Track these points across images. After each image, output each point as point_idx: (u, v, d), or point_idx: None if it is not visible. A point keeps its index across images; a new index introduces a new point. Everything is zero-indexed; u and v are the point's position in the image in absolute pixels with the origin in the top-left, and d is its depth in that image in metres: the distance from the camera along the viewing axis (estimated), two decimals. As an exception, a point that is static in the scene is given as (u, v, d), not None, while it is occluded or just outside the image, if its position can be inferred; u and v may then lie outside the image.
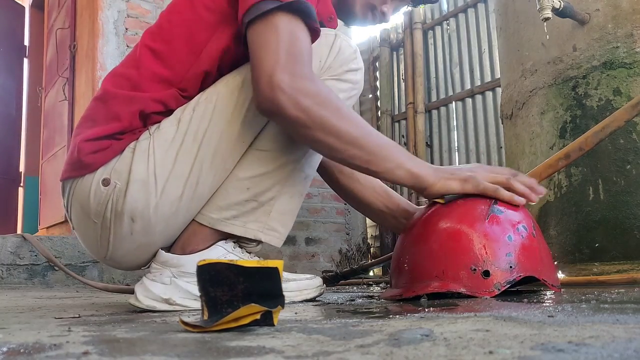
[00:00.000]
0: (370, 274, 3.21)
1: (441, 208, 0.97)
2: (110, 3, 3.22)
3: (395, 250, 1.06)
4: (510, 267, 0.89)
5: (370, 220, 3.10)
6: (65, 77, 3.61)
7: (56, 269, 2.55)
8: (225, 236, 0.99)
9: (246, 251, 1.02)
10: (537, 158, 1.65)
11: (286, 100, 0.83)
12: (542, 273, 0.92)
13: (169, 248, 0.99)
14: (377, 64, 4.20)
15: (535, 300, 0.81)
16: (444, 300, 0.88)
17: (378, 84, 4.19)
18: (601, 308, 0.64)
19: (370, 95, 4.26)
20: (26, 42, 5.19)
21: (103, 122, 0.94)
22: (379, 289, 1.67)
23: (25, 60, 5.18)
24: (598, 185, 1.48)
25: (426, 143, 3.69)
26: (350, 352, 0.40)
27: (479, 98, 3.39)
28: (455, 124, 3.57)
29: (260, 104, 0.86)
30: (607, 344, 0.38)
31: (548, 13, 1.43)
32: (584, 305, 0.68)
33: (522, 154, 1.76)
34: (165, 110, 0.95)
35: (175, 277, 0.94)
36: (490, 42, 3.35)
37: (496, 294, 0.87)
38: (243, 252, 1.01)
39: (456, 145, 3.54)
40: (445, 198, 0.97)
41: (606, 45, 1.52)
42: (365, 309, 0.83)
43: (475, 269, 0.88)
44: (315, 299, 1.11)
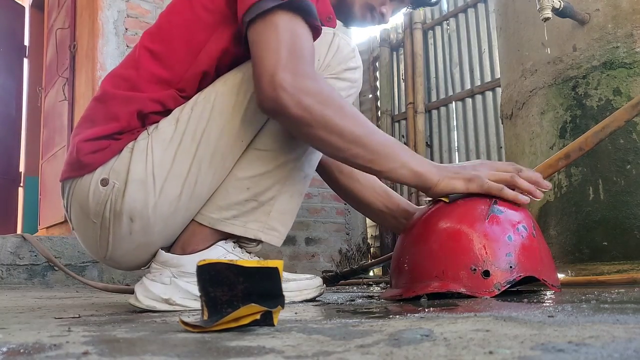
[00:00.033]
0: (370, 274, 3.21)
1: (441, 208, 0.97)
2: (110, 3, 3.22)
3: (395, 250, 1.06)
4: (510, 267, 0.89)
5: (370, 220, 3.10)
6: (65, 77, 3.61)
7: (56, 269, 2.55)
8: (225, 236, 0.99)
9: (246, 251, 1.02)
10: (537, 158, 1.65)
11: (289, 99, 0.83)
12: (542, 273, 0.92)
13: (169, 248, 0.99)
14: (377, 64, 4.20)
15: (535, 300, 0.81)
16: (444, 300, 0.88)
17: (378, 84, 4.19)
18: (601, 308, 0.64)
19: (370, 95, 4.26)
20: (26, 42, 5.20)
21: (102, 122, 0.94)
22: (379, 289, 1.67)
23: (25, 60, 5.19)
24: (598, 185, 1.48)
25: (426, 143, 3.69)
26: (350, 352, 0.40)
27: (479, 98, 3.40)
28: (455, 124, 3.57)
29: (263, 103, 0.86)
30: (607, 344, 0.38)
31: (548, 13, 1.43)
32: (584, 305, 0.68)
33: (522, 154, 1.76)
34: (164, 110, 0.95)
35: (175, 277, 0.94)
36: (490, 42, 3.35)
37: (496, 294, 0.87)
38: (243, 252, 1.01)
39: (456, 145, 3.54)
40: (449, 197, 0.97)
41: (606, 45, 1.52)
42: (365, 309, 0.83)
43: (475, 269, 0.88)
44: (315, 299, 1.11)
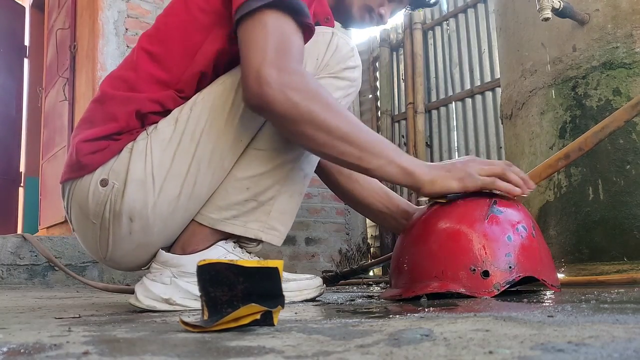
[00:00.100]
0: (370, 274, 3.21)
1: (441, 208, 0.97)
2: (111, 3, 3.22)
3: (395, 251, 1.06)
4: (510, 268, 0.89)
5: (370, 221, 3.10)
6: (66, 78, 3.61)
7: (56, 269, 2.55)
8: (225, 236, 0.99)
9: (246, 251, 1.02)
10: (537, 158, 1.65)
11: (274, 95, 0.83)
12: (542, 273, 0.92)
13: (169, 248, 0.99)
14: (377, 64, 4.20)
15: (535, 300, 0.81)
16: (444, 300, 0.88)
17: (378, 84, 4.19)
18: (601, 308, 0.64)
19: (370, 96, 4.26)
20: (26, 43, 5.20)
21: (100, 123, 0.95)
22: (379, 289, 1.67)
23: (26, 61, 5.19)
24: (598, 185, 1.48)
25: (426, 143, 3.69)
26: (350, 352, 0.40)
27: (478, 98, 3.40)
28: (455, 124, 3.57)
29: (248, 99, 0.86)
30: (607, 344, 0.38)
31: (548, 13, 1.43)
32: (583, 305, 0.68)
33: (522, 154, 1.76)
34: (163, 111, 0.95)
35: (175, 277, 0.94)
36: (490, 42, 3.35)
37: (495, 294, 0.87)
38: (243, 252, 1.01)
39: (456, 145, 3.54)
40: (447, 197, 0.97)
41: (606, 46, 1.52)
42: (365, 309, 0.83)
43: (474, 269, 0.88)
44: (315, 299, 1.11)
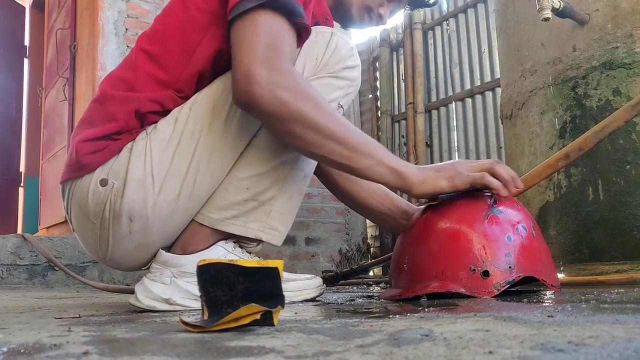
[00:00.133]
0: (370, 274, 3.21)
1: (441, 208, 0.97)
2: (111, 3, 3.22)
3: (395, 251, 1.07)
4: (510, 268, 0.89)
5: (370, 221, 3.09)
6: (66, 78, 3.61)
7: (56, 269, 2.55)
8: (225, 236, 0.99)
9: (246, 251, 1.02)
10: (537, 158, 1.65)
11: (263, 94, 0.83)
12: (542, 273, 0.92)
13: (169, 248, 0.99)
14: (377, 64, 4.20)
15: (535, 300, 0.81)
16: (444, 300, 0.88)
17: (378, 84, 4.19)
18: (601, 308, 0.64)
19: (370, 96, 4.26)
20: (26, 43, 5.20)
21: (100, 123, 0.95)
22: (379, 289, 1.68)
23: (26, 61, 5.18)
24: (597, 185, 1.48)
25: (426, 143, 3.69)
26: (350, 352, 0.40)
27: (478, 98, 3.40)
28: (455, 124, 3.57)
29: (237, 97, 0.86)
30: (607, 344, 0.38)
31: (548, 13, 1.43)
32: (583, 305, 0.68)
33: (522, 154, 1.76)
34: (162, 111, 0.95)
35: (175, 277, 0.94)
36: (490, 42, 3.35)
37: (495, 294, 0.87)
38: (243, 252, 1.01)
39: (456, 145, 3.54)
40: (439, 198, 0.96)
41: (606, 46, 1.52)
42: (365, 309, 0.83)
43: (474, 269, 0.88)
44: (315, 299, 1.11)
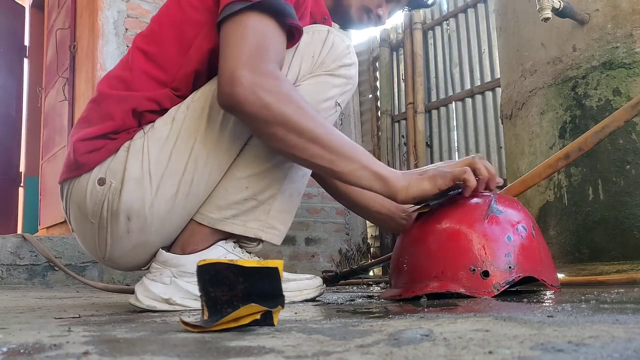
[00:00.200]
0: (370, 274, 3.21)
1: (441, 208, 0.96)
2: (110, 3, 3.22)
3: (395, 251, 1.07)
4: (510, 268, 0.89)
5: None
6: (65, 78, 3.61)
7: (56, 269, 2.55)
8: (225, 236, 0.99)
9: (246, 251, 1.02)
10: (537, 158, 1.65)
11: (246, 96, 0.83)
12: (542, 273, 0.92)
13: (169, 248, 0.99)
14: (377, 64, 4.20)
15: (535, 300, 0.81)
16: (444, 300, 0.88)
17: (378, 84, 4.18)
18: (601, 308, 0.64)
19: (370, 95, 4.26)
20: (26, 43, 5.19)
21: (97, 122, 0.95)
22: (379, 289, 1.68)
23: (26, 61, 5.18)
24: (597, 185, 1.48)
25: (426, 143, 3.69)
26: (350, 352, 0.40)
27: (478, 98, 3.39)
28: (455, 124, 3.57)
29: (221, 99, 0.86)
30: (607, 344, 0.38)
31: (548, 13, 1.43)
32: (583, 305, 0.68)
33: (522, 154, 1.76)
34: (160, 110, 0.95)
35: (175, 277, 0.94)
36: (490, 42, 3.35)
37: (495, 294, 0.87)
38: (243, 252, 1.01)
39: (456, 145, 3.54)
40: (430, 205, 0.95)
41: (606, 46, 1.52)
42: (365, 309, 0.83)
43: (474, 269, 0.88)
44: (315, 299, 1.11)
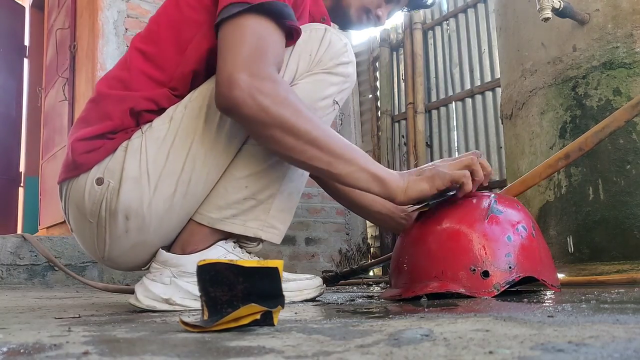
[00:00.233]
0: (370, 274, 3.21)
1: (441, 208, 0.96)
2: (110, 3, 3.22)
3: (395, 251, 1.06)
4: (510, 268, 0.89)
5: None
6: (65, 77, 3.61)
7: (56, 269, 2.54)
8: (225, 236, 0.99)
9: (246, 251, 1.02)
10: (537, 158, 1.65)
11: (244, 99, 0.83)
12: (542, 273, 0.92)
13: (169, 248, 0.99)
14: (377, 64, 4.19)
15: (535, 300, 0.81)
16: (444, 300, 0.88)
17: (378, 84, 4.18)
18: (601, 308, 0.64)
19: (370, 95, 4.25)
20: (26, 42, 5.19)
21: (95, 122, 0.95)
22: (379, 289, 1.67)
23: (26, 61, 5.18)
24: (598, 185, 1.48)
25: (426, 143, 3.69)
26: (350, 352, 0.40)
27: (479, 98, 3.39)
28: (455, 124, 3.57)
29: (219, 101, 0.86)
30: (607, 344, 0.38)
31: (548, 13, 1.43)
32: (584, 305, 0.68)
33: (522, 154, 1.76)
34: (157, 109, 0.95)
35: (175, 277, 0.94)
36: (490, 42, 3.35)
37: (495, 294, 0.87)
38: (243, 252, 1.01)
39: (456, 145, 3.54)
40: (429, 204, 0.95)
41: (606, 46, 1.52)
42: (365, 309, 0.83)
43: (474, 270, 0.88)
44: (315, 299, 1.11)
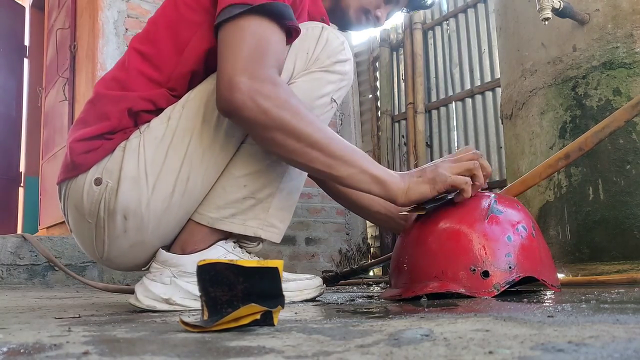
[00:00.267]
0: (370, 274, 3.21)
1: (440, 208, 0.96)
2: (110, 3, 3.22)
3: (395, 251, 1.06)
4: (510, 268, 0.89)
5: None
6: (66, 77, 3.61)
7: (56, 269, 2.55)
8: (225, 236, 0.99)
9: (246, 251, 1.02)
10: (537, 158, 1.65)
11: (244, 101, 0.83)
12: (542, 273, 0.92)
13: (169, 248, 0.99)
14: (377, 64, 4.20)
15: (535, 300, 0.81)
16: (444, 300, 0.88)
17: (378, 84, 4.18)
18: (601, 308, 0.64)
19: (370, 95, 4.25)
20: (26, 42, 5.19)
21: (93, 123, 0.95)
22: (379, 289, 1.68)
23: (26, 61, 5.18)
24: (598, 185, 1.48)
25: (426, 143, 3.69)
26: (350, 352, 0.40)
27: (479, 98, 3.39)
28: (455, 124, 3.57)
29: (219, 104, 0.86)
30: (607, 344, 0.38)
31: (548, 13, 1.43)
32: (584, 305, 0.68)
33: (522, 154, 1.76)
34: (155, 109, 0.95)
35: (175, 277, 0.94)
36: (490, 42, 3.35)
37: (495, 294, 0.87)
38: (243, 252, 1.01)
39: (456, 145, 3.54)
40: (426, 208, 0.95)
41: (606, 46, 1.52)
42: (365, 309, 0.83)
43: (474, 270, 0.88)
44: (315, 299, 1.11)
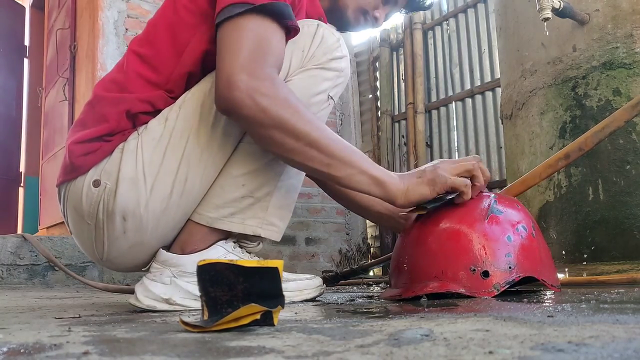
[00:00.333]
0: (370, 274, 3.21)
1: (440, 209, 0.96)
2: (111, 3, 3.22)
3: (395, 251, 1.06)
4: (510, 268, 0.89)
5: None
6: (66, 78, 3.61)
7: (56, 269, 2.55)
8: (224, 235, 0.99)
9: (246, 251, 1.02)
10: (537, 158, 1.65)
11: (243, 99, 0.83)
12: (542, 273, 0.92)
13: (168, 248, 0.99)
14: (377, 64, 4.20)
15: (535, 300, 0.81)
16: (444, 300, 0.88)
17: (378, 84, 4.18)
18: (601, 308, 0.64)
19: (370, 96, 4.26)
20: (26, 43, 5.20)
21: (92, 125, 0.95)
22: (379, 289, 1.68)
23: (26, 61, 5.18)
24: (598, 185, 1.48)
25: (426, 143, 3.69)
26: (350, 352, 0.40)
27: (478, 98, 3.39)
28: (455, 124, 3.57)
29: (218, 102, 0.86)
30: (607, 344, 0.38)
31: (548, 13, 1.43)
32: (583, 305, 0.68)
33: (522, 154, 1.76)
34: (153, 111, 0.95)
35: (175, 277, 0.94)
36: (490, 42, 3.35)
37: (495, 294, 0.87)
38: (243, 252, 1.01)
39: (456, 145, 3.54)
40: (427, 208, 0.95)
41: (606, 46, 1.52)
42: (365, 309, 0.83)
43: (474, 270, 0.88)
44: (315, 299, 1.11)
